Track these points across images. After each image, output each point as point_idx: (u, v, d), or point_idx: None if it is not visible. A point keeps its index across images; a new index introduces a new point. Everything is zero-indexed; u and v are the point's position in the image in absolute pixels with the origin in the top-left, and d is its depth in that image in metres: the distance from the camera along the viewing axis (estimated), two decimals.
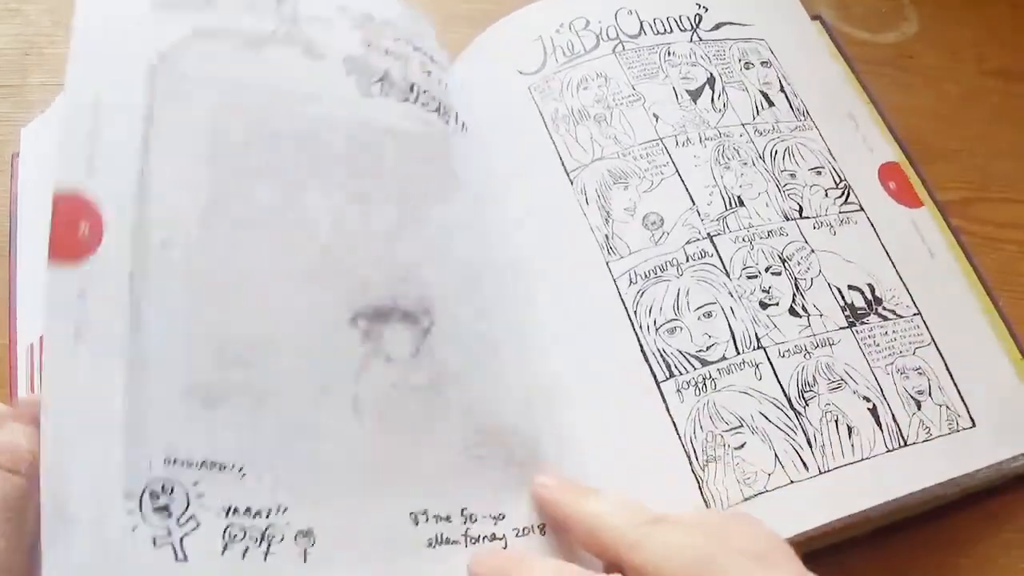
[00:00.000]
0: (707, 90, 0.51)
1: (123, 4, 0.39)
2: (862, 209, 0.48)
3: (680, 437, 0.41)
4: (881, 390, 0.43)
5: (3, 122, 0.53)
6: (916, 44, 0.62)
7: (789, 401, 0.42)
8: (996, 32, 0.63)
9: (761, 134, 0.50)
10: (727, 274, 0.45)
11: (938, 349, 0.45)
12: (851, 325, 0.44)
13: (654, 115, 0.49)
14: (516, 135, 0.49)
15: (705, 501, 0.40)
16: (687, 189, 0.47)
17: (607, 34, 0.52)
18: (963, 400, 0.43)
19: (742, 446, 0.41)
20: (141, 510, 0.34)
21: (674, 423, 0.42)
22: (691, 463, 0.41)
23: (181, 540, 0.35)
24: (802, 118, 0.51)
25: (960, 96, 0.60)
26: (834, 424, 0.42)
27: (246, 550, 0.35)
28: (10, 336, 0.43)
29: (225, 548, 0.35)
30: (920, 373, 0.44)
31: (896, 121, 0.53)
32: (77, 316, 0.34)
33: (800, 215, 0.47)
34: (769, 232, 0.46)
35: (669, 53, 0.52)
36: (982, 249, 0.51)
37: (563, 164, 0.48)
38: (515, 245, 0.46)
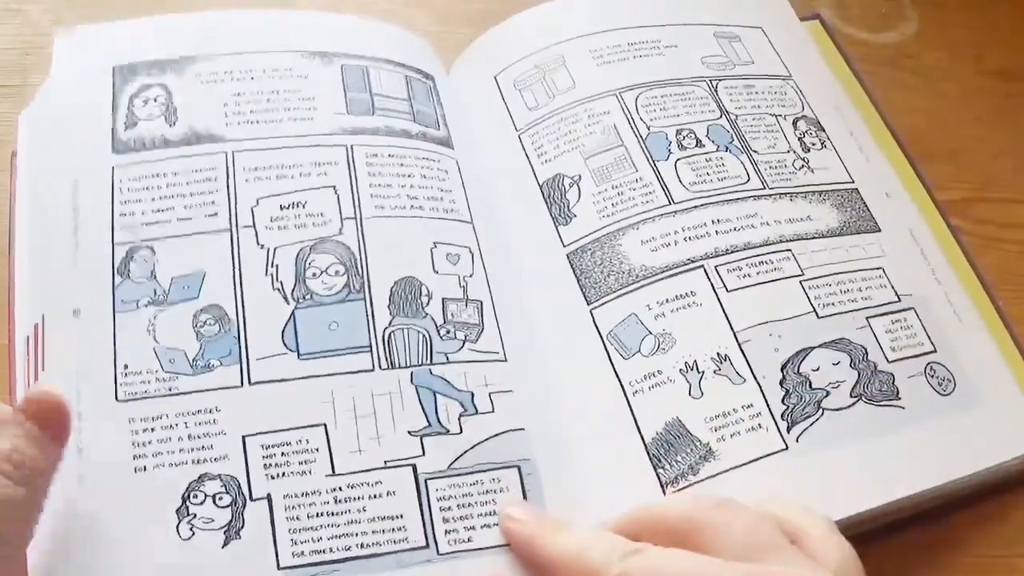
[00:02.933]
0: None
1: None
2: None
3: None
4: None
5: (3, 122, 0.53)
6: (916, 44, 0.62)
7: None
8: (996, 32, 0.63)
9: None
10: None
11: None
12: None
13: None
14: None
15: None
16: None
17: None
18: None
19: None
20: None
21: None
22: None
23: None
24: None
25: (960, 96, 0.60)
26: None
27: None
28: (10, 336, 0.43)
29: None
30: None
31: (896, 121, 0.53)
32: None
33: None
34: None
35: None
36: (982, 249, 0.51)
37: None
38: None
